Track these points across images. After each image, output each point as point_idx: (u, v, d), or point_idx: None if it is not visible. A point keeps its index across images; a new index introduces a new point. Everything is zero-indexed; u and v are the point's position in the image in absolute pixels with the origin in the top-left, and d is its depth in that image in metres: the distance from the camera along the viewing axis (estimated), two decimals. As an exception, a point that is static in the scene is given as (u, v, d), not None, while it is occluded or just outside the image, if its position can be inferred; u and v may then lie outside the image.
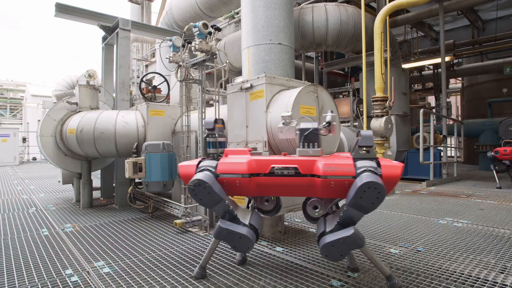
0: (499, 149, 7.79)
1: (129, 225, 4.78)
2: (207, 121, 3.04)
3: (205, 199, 2.58)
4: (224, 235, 2.63)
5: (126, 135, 5.30)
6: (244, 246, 2.62)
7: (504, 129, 8.89)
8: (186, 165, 2.84)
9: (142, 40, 14.59)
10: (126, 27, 6.47)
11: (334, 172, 2.43)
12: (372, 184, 2.21)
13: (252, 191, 2.71)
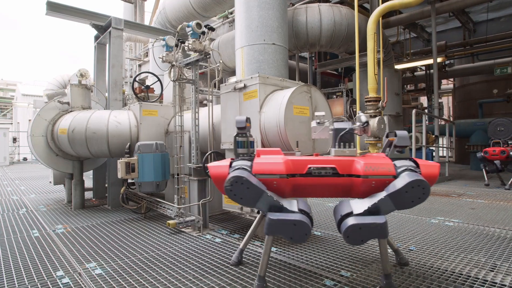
0: (488, 149, 7.85)
1: (122, 225, 4.74)
2: (239, 120, 2.82)
3: (245, 196, 2.40)
4: (277, 228, 2.35)
5: (118, 135, 5.26)
6: (301, 234, 2.36)
7: (493, 129, 8.95)
8: (217, 165, 2.65)
9: (135, 40, 14.49)
10: (119, 26, 6.42)
11: (375, 172, 2.45)
12: (421, 183, 2.26)
13: (288, 193, 2.63)
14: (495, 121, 8.98)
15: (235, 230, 4.39)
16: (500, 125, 8.78)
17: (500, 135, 8.73)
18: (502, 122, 8.78)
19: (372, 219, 2.30)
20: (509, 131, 8.65)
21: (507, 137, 8.59)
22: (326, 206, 5.89)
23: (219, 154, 4.33)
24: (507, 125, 8.74)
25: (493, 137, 8.83)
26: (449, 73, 14.97)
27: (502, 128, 8.74)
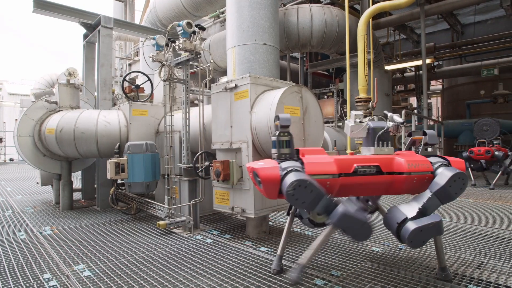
0: (473, 149, 7.91)
1: (111, 227, 4.68)
2: (284, 117, 2.72)
3: (308, 199, 2.32)
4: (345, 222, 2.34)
5: (108, 135, 5.19)
6: (365, 234, 2.41)
7: (478, 129, 9.01)
8: (266, 167, 2.48)
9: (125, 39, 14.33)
10: (108, 24, 6.33)
11: (417, 168, 2.59)
12: (461, 175, 2.49)
13: (335, 193, 2.61)
14: (480, 121, 9.04)
15: (226, 230, 4.37)
16: (486, 125, 8.85)
17: (485, 135, 8.78)
18: (487, 122, 8.86)
19: (429, 219, 2.42)
20: (494, 131, 8.71)
21: (492, 137, 8.64)
22: (317, 206, 5.91)
23: (210, 154, 4.31)
24: (492, 125, 8.80)
25: (478, 137, 8.88)
26: (437, 74, 15.20)
27: (487, 128, 8.81)
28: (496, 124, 8.76)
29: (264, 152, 3.69)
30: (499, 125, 8.75)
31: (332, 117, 10.13)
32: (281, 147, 2.65)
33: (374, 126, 2.81)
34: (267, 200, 3.81)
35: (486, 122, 8.90)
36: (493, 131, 8.72)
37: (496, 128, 8.74)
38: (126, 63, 16.64)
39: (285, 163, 2.52)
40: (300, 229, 4.36)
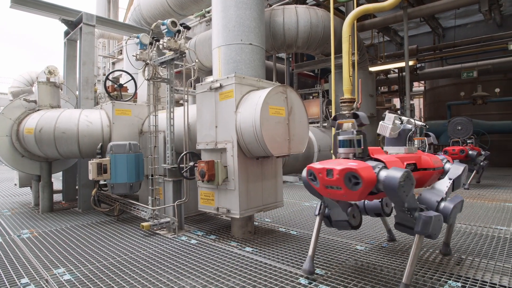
0: (448, 149, 7.77)
1: (93, 229, 4.57)
2: (364, 116, 2.73)
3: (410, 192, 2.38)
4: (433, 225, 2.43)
5: (89, 135, 5.07)
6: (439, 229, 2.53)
7: (452, 128, 8.87)
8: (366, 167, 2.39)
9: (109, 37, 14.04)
10: (91, 22, 6.19)
11: (437, 165, 3.09)
12: (466, 168, 3.08)
13: None
14: (454, 120, 8.93)
15: (211, 231, 4.34)
16: (459, 124, 8.73)
17: (459, 134, 8.67)
18: (461, 121, 8.77)
19: (456, 199, 2.82)
20: (467, 130, 8.59)
21: (465, 136, 8.56)
22: (302, 206, 5.96)
23: (195, 154, 4.27)
24: (465, 124, 8.68)
25: (452, 136, 8.78)
26: (420, 76, 15.57)
27: (461, 127, 8.69)
28: (469, 123, 8.65)
29: (249, 152, 3.68)
30: (472, 124, 8.65)
31: (318, 117, 10.22)
32: (356, 146, 2.64)
33: (404, 128, 3.10)
34: (252, 200, 3.81)
35: (459, 121, 8.78)
36: (467, 130, 8.61)
37: (469, 127, 8.63)
38: (110, 61, 16.30)
39: (371, 163, 2.47)
40: (286, 229, 4.37)
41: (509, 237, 3.82)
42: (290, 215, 5.24)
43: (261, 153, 3.61)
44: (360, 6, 7.43)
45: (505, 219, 4.67)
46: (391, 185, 2.30)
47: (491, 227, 4.29)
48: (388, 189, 2.32)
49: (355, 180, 2.32)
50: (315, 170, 2.50)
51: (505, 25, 13.71)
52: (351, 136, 2.66)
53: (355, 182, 2.32)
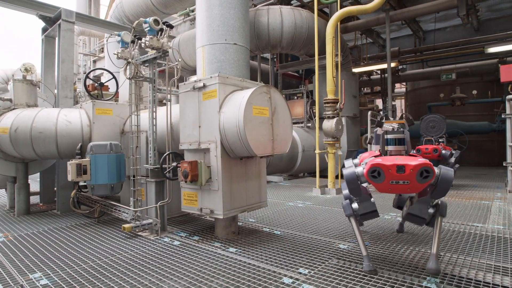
0: (421, 148, 7.24)
1: (72, 231, 4.44)
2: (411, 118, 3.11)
3: None
4: None
5: (68, 134, 4.92)
6: None
7: (425, 126, 8.45)
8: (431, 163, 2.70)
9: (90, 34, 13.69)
10: (70, 19, 6.00)
11: None
12: None
13: None
14: (427, 117, 8.52)
15: (195, 232, 4.30)
16: (432, 122, 8.36)
17: (432, 132, 8.29)
18: (433, 118, 8.42)
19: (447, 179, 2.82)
20: (441, 128, 8.25)
21: (439, 134, 8.20)
22: (286, 206, 5.98)
23: (178, 154, 4.21)
24: (439, 122, 8.32)
25: (425, 134, 8.37)
26: (401, 78, 15.94)
27: (434, 125, 8.34)
28: (442, 121, 8.30)
29: (232, 152, 3.67)
30: (446, 122, 8.34)
31: (302, 117, 10.30)
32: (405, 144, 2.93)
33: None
34: (236, 201, 3.79)
35: (432, 118, 8.40)
36: (440, 128, 8.26)
37: (442, 125, 8.28)
38: (91, 59, 15.90)
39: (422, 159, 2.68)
40: (270, 229, 4.38)
41: (485, 234, 3.95)
42: (274, 215, 5.25)
43: (245, 153, 3.60)
44: (343, 8, 7.55)
45: (481, 217, 4.83)
46: (448, 179, 2.68)
47: (468, 224, 4.43)
48: (444, 182, 2.68)
49: (426, 174, 2.58)
50: (384, 167, 2.61)
51: (481, 29, 14.22)
52: (402, 135, 2.89)
53: (426, 175, 2.58)
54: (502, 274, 2.79)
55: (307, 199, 6.62)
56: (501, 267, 2.93)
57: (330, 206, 5.82)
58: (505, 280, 2.67)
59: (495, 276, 2.75)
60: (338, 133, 7.06)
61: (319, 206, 5.90)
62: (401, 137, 2.89)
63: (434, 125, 8.32)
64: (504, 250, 3.38)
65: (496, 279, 2.69)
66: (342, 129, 7.32)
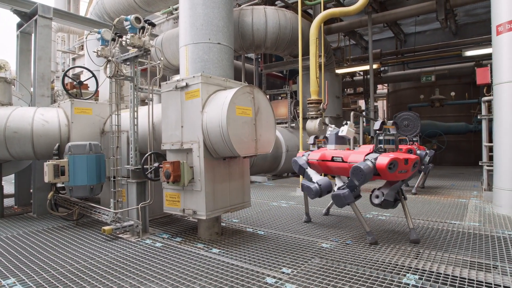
0: None
1: (49, 235, 4.29)
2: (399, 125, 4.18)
3: None
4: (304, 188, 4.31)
5: (45, 134, 4.75)
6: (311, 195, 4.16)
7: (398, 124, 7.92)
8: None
9: (69, 31, 13.27)
10: (47, 14, 5.80)
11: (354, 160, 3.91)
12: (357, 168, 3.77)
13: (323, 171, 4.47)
14: (400, 115, 7.94)
15: (177, 233, 4.24)
16: (406, 120, 7.79)
17: (406, 131, 7.75)
18: (407, 116, 7.88)
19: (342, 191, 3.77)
20: (415, 126, 7.69)
21: (413, 133, 7.63)
22: (270, 206, 5.99)
23: (160, 155, 4.14)
24: (413, 120, 7.75)
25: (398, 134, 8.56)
26: (383, 79, 16.29)
27: (408, 123, 7.77)
28: (417, 119, 7.74)
29: (215, 152, 3.64)
30: (420, 120, 7.81)
31: (286, 118, 10.35)
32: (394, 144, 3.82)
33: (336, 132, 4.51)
34: (219, 201, 3.76)
35: (406, 116, 7.83)
36: (414, 127, 7.69)
37: (417, 123, 7.70)
38: (70, 57, 15.43)
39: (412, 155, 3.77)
40: (253, 229, 4.37)
41: (461, 231, 4.08)
42: (258, 215, 5.25)
43: (228, 153, 3.58)
44: (327, 10, 7.64)
45: (459, 214, 4.99)
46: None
47: (446, 222, 4.56)
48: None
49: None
50: (399, 160, 3.46)
51: (459, 33, 14.70)
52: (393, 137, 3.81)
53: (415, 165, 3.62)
54: (477, 269, 2.88)
55: (291, 199, 6.65)
56: (476, 263, 3.03)
57: (313, 205, 5.86)
58: (480, 275, 2.76)
59: (471, 271, 2.84)
60: (321, 133, 7.13)
61: (302, 206, 5.94)
62: (393, 138, 3.79)
63: (408, 123, 7.74)
64: (479, 246, 3.49)
65: (471, 274, 2.77)
66: (326, 129, 7.39)
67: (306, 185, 4.22)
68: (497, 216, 4.81)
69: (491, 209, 5.25)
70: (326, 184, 4.15)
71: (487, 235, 3.88)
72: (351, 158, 3.85)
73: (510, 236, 3.86)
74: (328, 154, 4.24)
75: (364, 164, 3.47)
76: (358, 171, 3.48)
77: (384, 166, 3.37)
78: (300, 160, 4.46)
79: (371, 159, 3.53)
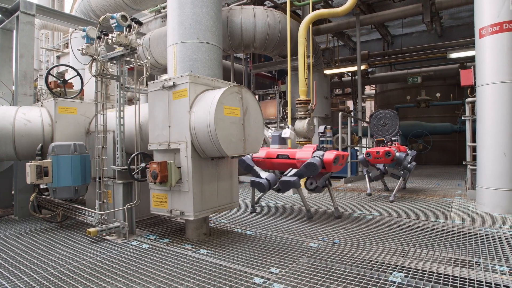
0: (370, 151, 6.02)
1: (32, 237, 4.18)
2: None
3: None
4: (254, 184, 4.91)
5: (28, 134, 4.62)
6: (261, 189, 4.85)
7: (375, 124, 7.24)
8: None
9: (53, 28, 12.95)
10: (30, 11, 5.64)
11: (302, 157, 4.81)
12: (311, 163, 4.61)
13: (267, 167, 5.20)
14: (377, 113, 7.31)
15: (165, 234, 4.19)
16: (383, 118, 7.17)
17: (384, 131, 7.16)
18: (384, 115, 7.23)
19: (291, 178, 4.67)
20: (393, 125, 7.08)
21: (391, 133, 7.07)
22: (259, 205, 5.98)
23: (147, 155, 4.08)
24: (391, 118, 7.13)
25: (376, 134, 7.21)
26: (371, 80, 16.51)
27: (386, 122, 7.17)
28: (395, 117, 7.14)
29: (203, 152, 3.61)
30: (398, 118, 7.23)
31: (275, 118, 10.37)
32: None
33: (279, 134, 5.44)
34: (207, 202, 3.73)
35: (383, 114, 7.18)
36: (393, 126, 7.09)
37: (395, 121, 7.09)
38: (54, 55, 15.07)
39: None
40: (241, 230, 4.36)
41: (446, 229, 4.16)
42: (247, 215, 5.24)
43: (216, 153, 3.55)
44: (315, 11, 7.69)
45: (444, 213, 5.09)
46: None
47: (431, 220, 4.64)
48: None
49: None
50: (340, 156, 4.59)
51: (445, 35, 15.03)
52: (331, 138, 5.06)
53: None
54: (461, 266, 2.94)
55: (280, 198, 6.66)
56: (460, 260, 3.09)
57: (301, 205, 5.88)
58: (463, 271, 2.82)
59: (455, 268, 2.90)
60: (309, 133, 7.17)
61: (291, 205, 5.96)
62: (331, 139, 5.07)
63: (385, 122, 7.14)
64: (463, 244, 3.57)
65: (455, 271, 2.83)
66: (314, 129, 7.44)
67: (256, 181, 4.81)
68: (480, 214, 4.93)
69: (474, 208, 5.37)
70: (274, 179, 4.83)
71: (470, 233, 3.97)
72: (299, 155, 4.75)
73: (492, 233, 3.95)
74: (273, 152, 5.02)
75: (316, 160, 4.47)
76: (312, 166, 4.42)
77: (331, 160, 4.48)
78: (247, 159, 5.05)
79: (319, 156, 4.52)
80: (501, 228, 4.15)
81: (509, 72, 4.84)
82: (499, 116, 4.92)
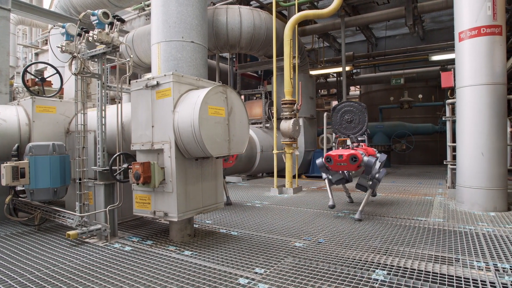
0: (331, 154, 4.59)
1: (7, 241, 4.02)
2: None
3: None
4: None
5: (3, 134, 4.43)
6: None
7: (338, 120, 5.76)
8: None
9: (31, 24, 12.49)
10: (4, 5, 5.43)
11: None
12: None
13: None
14: (340, 106, 5.76)
15: (148, 236, 4.11)
16: (348, 113, 5.71)
17: (348, 128, 5.73)
18: (350, 108, 5.71)
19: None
20: (360, 122, 5.65)
21: (359, 131, 5.65)
22: (244, 206, 5.97)
23: (130, 155, 4.00)
24: (358, 113, 5.67)
25: (339, 133, 5.79)
26: (356, 81, 16.75)
27: (351, 118, 5.73)
28: (363, 111, 5.68)
29: (187, 153, 3.56)
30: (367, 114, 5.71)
31: (260, 118, 10.37)
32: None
33: None
34: (191, 203, 3.68)
35: (348, 108, 5.69)
36: (360, 122, 5.66)
37: (363, 117, 5.65)
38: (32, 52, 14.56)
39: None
40: (227, 230, 4.32)
41: (427, 227, 4.25)
42: (232, 215, 5.21)
43: (200, 153, 3.51)
44: (301, 12, 7.72)
45: (425, 211, 5.21)
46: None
47: (413, 218, 4.74)
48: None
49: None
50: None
51: (426, 38, 15.40)
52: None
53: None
54: (440, 263, 3.01)
55: (265, 199, 6.66)
56: (440, 257, 3.16)
57: (287, 205, 5.90)
58: (443, 268, 2.89)
59: (435, 265, 2.96)
60: (295, 134, 7.19)
61: (276, 205, 5.97)
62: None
63: (351, 117, 5.68)
64: (443, 241, 3.66)
65: (435, 268, 2.89)
66: (299, 129, 7.47)
67: None
68: (459, 212, 5.07)
69: (454, 206, 5.52)
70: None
71: (450, 230, 4.07)
72: None
73: (470, 230, 4.07)
74: None
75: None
76: None
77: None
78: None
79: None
80: (479, 226, 4.28)
81: (486, 74, 4.99)
82: (477, 117, 5.07)
